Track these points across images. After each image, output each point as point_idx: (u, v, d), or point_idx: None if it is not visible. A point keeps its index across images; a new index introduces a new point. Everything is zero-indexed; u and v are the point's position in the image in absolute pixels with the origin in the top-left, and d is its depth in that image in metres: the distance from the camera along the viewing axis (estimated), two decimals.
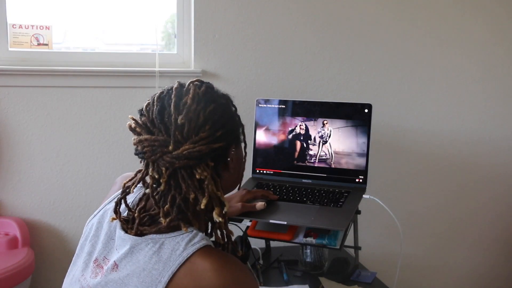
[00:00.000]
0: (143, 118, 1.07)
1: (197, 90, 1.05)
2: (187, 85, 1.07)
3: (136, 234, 1.04)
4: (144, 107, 1.08)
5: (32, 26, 2.11)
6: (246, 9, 2.21)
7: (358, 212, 1.78)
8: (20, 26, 2.10)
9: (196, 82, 1.08)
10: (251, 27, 2.22)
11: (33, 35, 2.11)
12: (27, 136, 2.10)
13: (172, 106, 1.03)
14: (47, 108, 2.10)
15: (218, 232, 1.11)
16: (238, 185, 1.22)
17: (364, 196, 1.80)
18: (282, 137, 1.94)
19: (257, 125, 1.96)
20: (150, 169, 1.04)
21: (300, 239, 1.71)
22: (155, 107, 1.05)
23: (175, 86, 1.07)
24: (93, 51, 2.26)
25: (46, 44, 2.13)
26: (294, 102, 1.96)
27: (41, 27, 2.12)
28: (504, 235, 2.63)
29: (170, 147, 1.01)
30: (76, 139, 2.14)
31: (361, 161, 1.84)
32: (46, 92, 2.10)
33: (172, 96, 1.04)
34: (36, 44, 2.12)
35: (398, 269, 1.98)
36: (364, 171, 1.83)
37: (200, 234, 1.02)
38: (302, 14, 2.26)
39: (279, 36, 2.25)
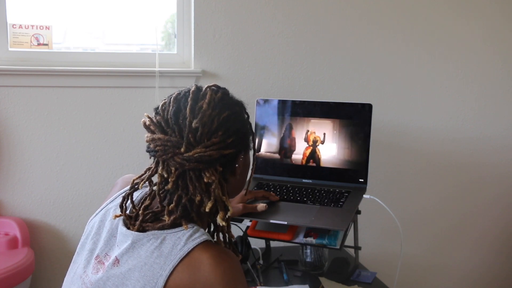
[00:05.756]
0: (158, 117, 1.09)
1: (214, 96, 1.08)
2: (204, 89, 1.10)
3: (138, 230, 1.06)
4: (160, 106, 1.10)
5: (32, 26, 2.11)
6: (246, 9, 2.21)
7: (358, 212, 1.78)
8: (20, 26, 2.10)
9: (213, 87, 1.11)
10: (251, 27, 2.22)
11: (33, 35, 2.11)
12: (27, 136, 2.10)
13: (188, 109, 1.05)
14: (47, 108, 2.10)
15: (220, 235, 1.15)
16: (245, 191, 1.24)
17: (364, 196, 1.80)
18: (282, 137, 1.94)
19: (257, 125, 1.96)
20: (160, 168, 1.06)
21: (300, 239, 1.71)
22: (171, 107, 1.07)
23: (192, 89, 1.09)
24: (93, 51, 2.26)
25: (46, 44, 2.13)
26: (294, 102, 1.96)
27: (41, 27, 2.12)
28: (504, 235, 2.63)
29: (182, 149, 1.03)
30: (76, 139, 2.14)
31: (362, 161, 1.84)
32: (46, 92, 2.10)
33: (189, 99, 1.07)
34: (36, 44, 2.12)
35: (398, 269, 1.99)
36: (364, 171, 1.83)
37: (201, 230, 1.04)
38: (302, 14, 2.26)
39: (279, 36, 2.25)
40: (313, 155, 1.90)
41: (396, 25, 2.37)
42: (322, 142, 1.89)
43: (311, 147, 1.91)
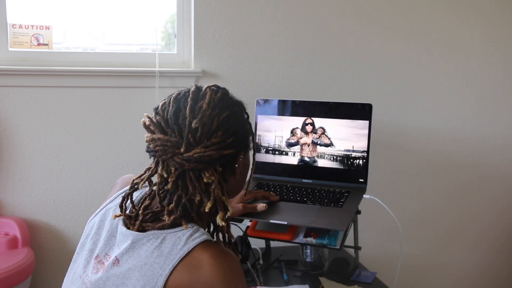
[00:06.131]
0: (157, 117, 1.09)
1: (213, 96, 1.08)
2: (203, 89, 1.10)
3: (138, 230, 1.06)
4: (160, 106, 1.10)
5: (32, 26, 2.11)
6: (246, 9, 2.21)
7: (358, 212, 1.78)
8: (20, 26, 2.10)
9: (213, 87, 1.11)
10: (251, 27, 2.22)
11: (33, 35, 2.11)
12: (27, 136, 2.10)
13: (187, 109, 1.05)
14: (47, 108, 2.10)
15: (220, 235, 1.15)
16: (245, 191, 1.26)
17: (364, 196, 1.80)
18: (282, 137, 1.94)
19: (257, 125, 1.96)
20: (160, 168, 1.07)
21: (300, 239, 1.71)
22: (170, 107, 1.07)
23: (192, 89, 1.09)
24: (93, 51, 2.26)
25: (46, 44, 2.13)
26: (294, 102, 1.96)
27: (41, 27, 2.12)
28: (504, 235, 2.63)
29: (182, 149, 1.03)
30: (76, 139, 2.14)
31: (362, 161, 1.84)
32: (46, 92, 2.10)
33: (189, 99, 1.07)
34: (36, 44, 2.12)
35: (398, 269, 1.99)
36: (364, 171, 1.83)
37: (201, 230, 1.04)
38: (302, 14, 2.26)
39: (279, 36, 2.25)
40: (315, 156, 1.90)
41: (396, 25, 2.37)
42: (323, 144, 1.89)
43: (313, 148, 1.90)
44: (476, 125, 2.50)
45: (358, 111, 1.86)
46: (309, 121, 1.91)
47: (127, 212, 1.12)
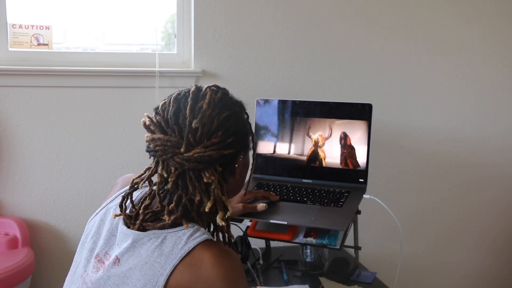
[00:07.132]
0: (158, 117, 1.10)
1: (213, 96, 1.09)
2: (203, 89, 1.10)
3: (139, 230, 1.06)
4: (160, 106, 1.10)
5: (32, 26, 2.11)
6: (246, 9, 2.21)
7: (358, 212, 1.78)
8: (20, 26, 2.10)
9: (213, 87, 1.11)
10: (251, 27, 2.22)
11: (33, 35, 2.11)
12: (27, 136, 2.10)
13: (187, 109, 1.06)
14: (47, 108, 2.10)
15: (220, 235, 1.15)
16: (245, 191, 1.27)
17: (364, 196, 1.80)
18: (282, 137, 1.94)
19: (257, 125, 1.96)
20: (160, 168, 1.07)
21: (300, 239, 1.71)
22: (171, 107, 1.08)
23: (192, 89, 1.10)
24: (93, 51, 2.26)
25: (46, 44, 2.13)
26: (294, 102, 1.96)
27: (41, 27, 2.12)
28: (504, 235, 2.63)
29: (182, 149, 1.04)
30: (76, 139, 2.14)
31: (362, 161, 1.84)
32: (46, 92, 2.10)
33: (189, 99, 1.07)
34: (36, 44, 2.12)
35: (398, 269, 1.99)
36: (364, 171, 1.83)
37: (202, 229, 1.05)
38: (302, 14, 2.26)
39: (279, 36, 2.25)
40: (315, 156, 1.90)
41: (396, 25, 2.37)
42: (323, 144, 1.89)
43: (313, 148, 1.91)
44: (476, 125, 2.50)
45: (358, 111, 1.86)
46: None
47: (127, 211, 1.12)
